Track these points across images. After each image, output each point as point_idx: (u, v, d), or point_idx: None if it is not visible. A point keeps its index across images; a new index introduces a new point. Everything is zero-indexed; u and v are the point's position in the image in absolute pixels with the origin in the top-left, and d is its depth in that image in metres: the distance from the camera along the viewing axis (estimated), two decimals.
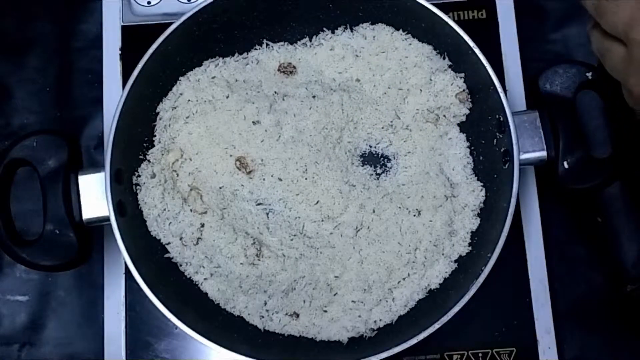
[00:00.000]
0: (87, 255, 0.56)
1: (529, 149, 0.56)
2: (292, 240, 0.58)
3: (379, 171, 0.61)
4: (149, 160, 0.59)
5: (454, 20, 0.57)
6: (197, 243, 0.58)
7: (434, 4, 0.58)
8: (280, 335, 0.58)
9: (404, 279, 0.58)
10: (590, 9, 0.47)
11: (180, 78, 0.61)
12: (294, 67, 0.63)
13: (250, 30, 0.62)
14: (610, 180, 0.56)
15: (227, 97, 0.60)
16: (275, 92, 0.61)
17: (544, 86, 0.57)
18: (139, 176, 0.59)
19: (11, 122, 0.69)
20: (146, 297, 0.53)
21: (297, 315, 0.58)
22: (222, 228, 0.58)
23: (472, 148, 0.60)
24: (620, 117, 0.56)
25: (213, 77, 0.61)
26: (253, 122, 0.60)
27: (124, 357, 0.62)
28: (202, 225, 0.58)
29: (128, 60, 0.67)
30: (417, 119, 0.61)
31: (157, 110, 0.60)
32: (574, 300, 0.64)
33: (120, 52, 0.68)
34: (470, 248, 0.58)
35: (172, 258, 0.58)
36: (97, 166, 0.57)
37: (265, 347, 0.56)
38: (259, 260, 0.57)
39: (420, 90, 0.61)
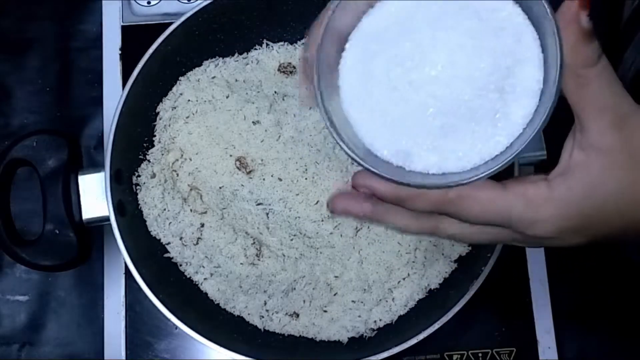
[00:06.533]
0: (87, 255, 0.56)
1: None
2: (292, 240, 0.58)
3: None
4: (149, 160, 0.59)
5: None
6: (197, 243, 0.58)
7: None
8: (280, 335, 0.58)
9: (404, 278, 0.58)
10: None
11: (180, 78, 0.61)
12: (294, 67, 0.63)
13: (250, 30, 0.62)
14: None
15: (227, 97, 0.60)
16: (275, 92, 0.61)
17: None
18: (139, 176, 0.59)
19: (11, 122, 0.69)
20: (146, 297, 0.53)
21: (297, 315, 0.58)
22: (222, 228, 0.58)
23: None
24: None
25: (213, 77, 0.61)
26: (253, 122, 0.60)
27: (124, 357, 0.62)
28: (202, 225, 0.58)
29: (128, 60, 0.67)
30: None
31: (157, 110, 0.60)
32: (574, 300, 0.64)
33: (120, 52, 0.68)
34: (470, 248, 0.58)
35: (172, 258, 0.58)
36: (97, 166, 0.57)
37: (265, 347, 0.56)
38: (259, 260, 0.57)
39: None
